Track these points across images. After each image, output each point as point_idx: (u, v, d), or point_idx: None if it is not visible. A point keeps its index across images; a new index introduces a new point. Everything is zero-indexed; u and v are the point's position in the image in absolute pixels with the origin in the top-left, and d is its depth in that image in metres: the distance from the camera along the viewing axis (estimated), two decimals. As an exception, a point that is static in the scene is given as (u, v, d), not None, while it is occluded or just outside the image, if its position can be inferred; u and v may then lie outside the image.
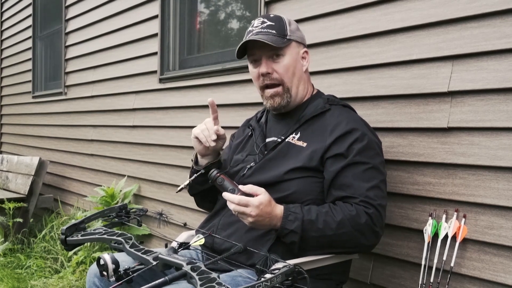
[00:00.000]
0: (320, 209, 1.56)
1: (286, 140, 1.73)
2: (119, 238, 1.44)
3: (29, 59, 5.87)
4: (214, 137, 1.68)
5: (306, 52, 1.80)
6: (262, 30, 1.71)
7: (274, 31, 1.70)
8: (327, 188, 1.64)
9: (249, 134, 1.89)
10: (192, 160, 1.83)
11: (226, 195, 1.55)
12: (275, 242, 1.58)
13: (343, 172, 1.60)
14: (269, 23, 1.72)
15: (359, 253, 1.75)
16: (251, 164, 1.75)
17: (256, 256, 1.25)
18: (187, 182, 1.74)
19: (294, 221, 1.53)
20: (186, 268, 1.20)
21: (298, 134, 1.73)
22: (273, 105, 1.76)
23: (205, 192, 1.85)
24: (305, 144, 1.69)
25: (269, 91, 1.75)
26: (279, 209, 1.55)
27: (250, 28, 1.75)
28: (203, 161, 1.78)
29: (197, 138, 1.72)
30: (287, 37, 1.72)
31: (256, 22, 1.75)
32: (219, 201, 1.81)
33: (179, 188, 1.71)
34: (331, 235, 1.53)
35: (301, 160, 1.65)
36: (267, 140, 1.81)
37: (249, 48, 1.74)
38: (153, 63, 3.51)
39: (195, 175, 1.75)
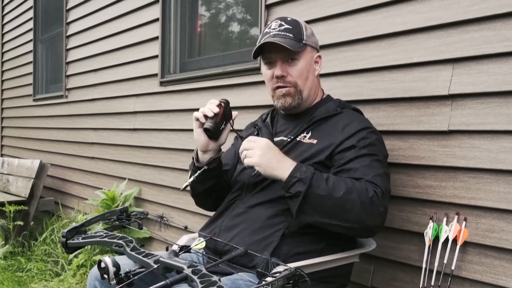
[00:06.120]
0: (331, 174, 1.57)
1: (297, 139, 1.74)
2: (120, 241, 1.44)
3: (30, 62, 5.88)
4: (216, 109, 1.69)
5: (319, 57, 1.82)
6: (280, 33, 1.72)
7: (291, 35, 1.71)
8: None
9: (255, 134, 1.90)
10: (193, 158, 1.80)
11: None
12: (278, 245, 1.58)
13: (352, 161, 1.61)
14: (286, 26, 1.73)
15: (358, 234, 1.65)
16: None
17: (258, 259, 1.25)
18: (192, 179, 1.72)
19: (305, 172, 1.51)
20: (187, 271, 1.20)
21: (309, 133, 1.74)
22: (283, 104, 1.77)
23: (206, 191, 1.84)
24: (315, 141, 1.70)
25: (281, 90, 1.76)
26: (291, 161, 1.56)
27: (267, 30, 1.76)
28: (204, 157, 1.77)
29: (197, 120, 1.72)
30: (303, 42, 1.74)
31: (274, 24, 1.76)
32: (223, 203, 1.82)
33: (183, 186, 1.70)
34: (337, 198, 1.48)
35: (310, 153, 1.67)
36: (275, 139, 1.81)
37: (265, 50, 1.75)
38: (154, 66, 3.51)
39: (199, 171, 1.73)
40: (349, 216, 1.51)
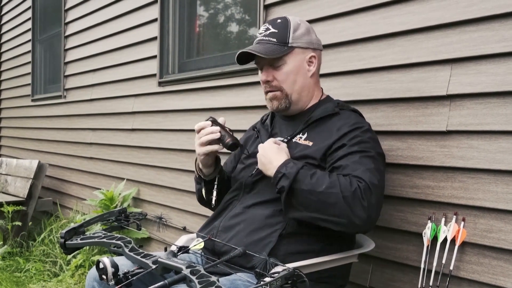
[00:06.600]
0: (319, 170, 1.59)
1: (293, 140, 1.75)
2: (119, 242, 1.44)
3: (29, 62, 5.87)
4: (217, 128, 1.71)
5: (313, 56, 1.79)
6: (264, 38, 1.74)
7: (274, 39, 1.72)
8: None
9: (256, 136, 1.91)
10: (200, 176, 1.86)
11: None
12: (275, 246, 1.59)
13: (342, 158, 1.62)
14: (272, 30, 1.74)
15: (347, 229, 1.60)
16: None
17: (256, 259, 1.25)
18: (215, 192, 1.81)
19: (290, 168, 1.56)
20: (186, 271, 1.20)
21: (305, 135, 1.75)
22: (272, 107, 1.80)
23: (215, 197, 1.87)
24: (311, 144, 1.71)
25: (269, 94, 1.79)
26: (284, 157, 1.62)
27: (257, 34, 1.80)
28: (209, 170, 1.82)
29: (206, 153, 1.73)
30: (289, 45, 1.73)
31: (261, 29, 1.78)
32: (221, 203, 1.82)
33: (213, 202, 1.80)
34: (319, 193, 1.51)
35: (304, 154, 1.68)
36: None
37: (255, 56, 1.76)
38: (153, 67, 3.51)
39: (216, 183, 1.81)
40: (332, 211, 1.52)
